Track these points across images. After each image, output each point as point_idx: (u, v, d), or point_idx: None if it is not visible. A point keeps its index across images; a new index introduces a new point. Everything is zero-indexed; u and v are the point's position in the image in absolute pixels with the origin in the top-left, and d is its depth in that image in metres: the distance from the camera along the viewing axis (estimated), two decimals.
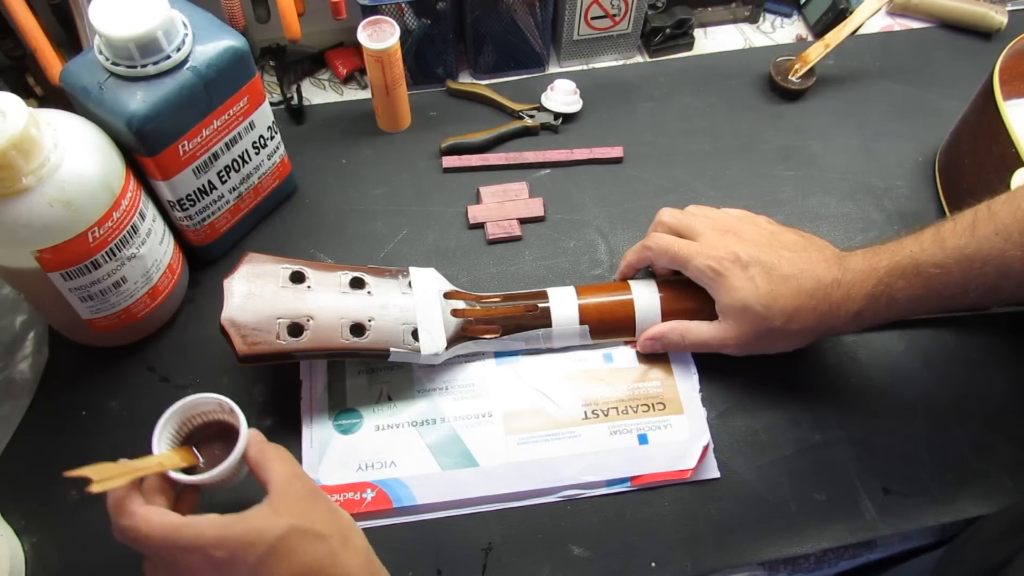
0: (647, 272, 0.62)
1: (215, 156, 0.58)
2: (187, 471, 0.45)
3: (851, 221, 0.68)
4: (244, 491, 0.47)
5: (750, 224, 0.56)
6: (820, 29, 0.83)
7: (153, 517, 0.40)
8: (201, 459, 0.47)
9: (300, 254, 0.65)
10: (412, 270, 0.59)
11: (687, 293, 0.60)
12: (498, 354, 0.60)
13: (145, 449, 0.56)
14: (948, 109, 0.71)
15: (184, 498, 0.45)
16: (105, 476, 0.38)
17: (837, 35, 0.76)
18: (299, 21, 0.69)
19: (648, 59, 0.82)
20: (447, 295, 0.59)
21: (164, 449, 0.46)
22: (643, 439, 0.56)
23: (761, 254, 0.52)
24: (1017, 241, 0.45)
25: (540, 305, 0.59)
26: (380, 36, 0.67)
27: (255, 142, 0.61)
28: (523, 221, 0.68)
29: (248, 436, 0.45)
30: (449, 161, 0.72)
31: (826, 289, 0.51)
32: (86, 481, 0.52)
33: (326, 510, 0.43)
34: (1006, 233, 0.45)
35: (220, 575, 0.39)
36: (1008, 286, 0.46)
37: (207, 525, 0.40)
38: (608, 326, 0.59)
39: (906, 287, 0.48)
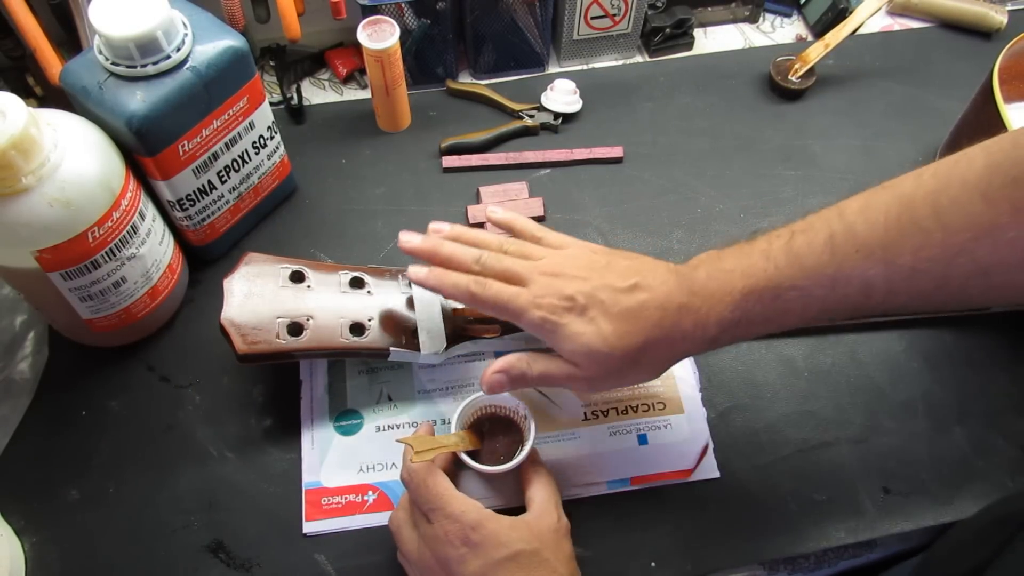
0: None
1: (215, 156, 0.58)
2: (469, 454, 0.51)
3: None
4: None
5: (576, 258, 0.49)
6: (820, 29, 0.83)
7: (437, 481, 0.46)
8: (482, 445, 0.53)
9: (300, 254, 0.65)
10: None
11: None
12: (498, 354, 0.60)
13: (145, 449, 0.56)
14: (948, 109, 0.71)
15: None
16: (423, 447, 0.46)
17: (837, 35, 0.76)
18: (299, 21, 0.69)
19: (648, 59, 0.82)
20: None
21: (458, 428, 0.52)
22: (643, 439, 0.56)
23: (597, 292, 0.46)
24: (879, 257, 0.41)
25: None
26: (380, 36, 0.67)
27: (255, 142, 0.61)
28: None
29: (530, 449, 0.51)
30: (449, 161, 0.72)
31: (673, 317, 0.45)
32: (86, 481, 0.52)
33: (569, 553, 0.46)
34: (867, 251, 0.41)
35: (466, 550, 0.43)
36: (871, 305, 0.42)
37: (473, 508, 0.45)
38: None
39: (763, 311, 0.44)
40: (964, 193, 0.39)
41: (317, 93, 0.78)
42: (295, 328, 0.53)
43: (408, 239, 0.51)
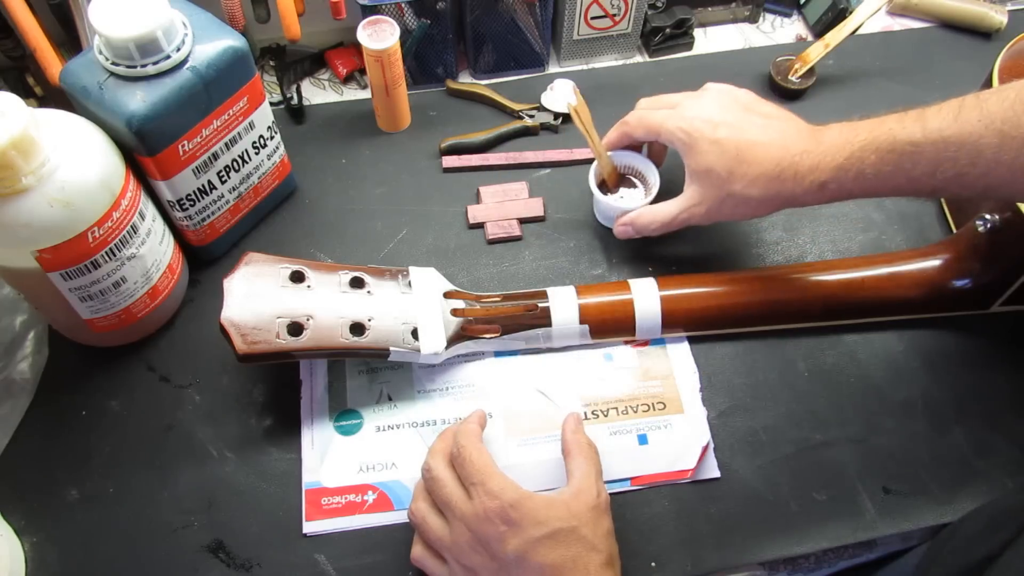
0: (646, 273, 0.62)
1: (215, 156, 0.58)
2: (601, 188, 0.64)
3: (851, 221, 0.68)
4: None
5: (727, 93, 0.58)
6: (820, 29, 0.83)
7: (483, 456, 0.48)
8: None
9: (300, 254, 0.65)
10: (412, 270, 0.59)
11: (687, 294, 0.60)
12: (498, 354, 0.60)
13: (145, 449, 0.56)
14: None
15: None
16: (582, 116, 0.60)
17: (837, 35, 0.76)
18: (299, 21, 0.69)
19: (648, 59, 0.82)
20: (447, 295, 0.59)
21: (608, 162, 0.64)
22: (643, 439, 0.56)
23: (733, 117, 0.54)
24: (997, 128, 0.45)
25: (540, 305, 0.59)
26: (380, 36, 0.67)
27: (255, 142, 0.61)
28: (523, 221, 0.68)
29: (654, 197, 0.62)
30: (449, 161, 0.72)
31: (793, 158, 0.51)
32: (86, 481, 0.52)
33: (608, 529, 0.47)
34: (988, 119, 0.45)
35: (505, 528, 0.44)
36: (975, 174, 0.46)
37: (511, 486, 0.46)
38: (608, 326, 0.59)
39: (877, 162, 0.49)
40: None
41: (317, 93, 0.78)
42: (295, 328, 0.53)
43: (606, 142, 0.64)
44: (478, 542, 0.45)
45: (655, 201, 0.65)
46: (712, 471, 0.55)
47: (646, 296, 0.59)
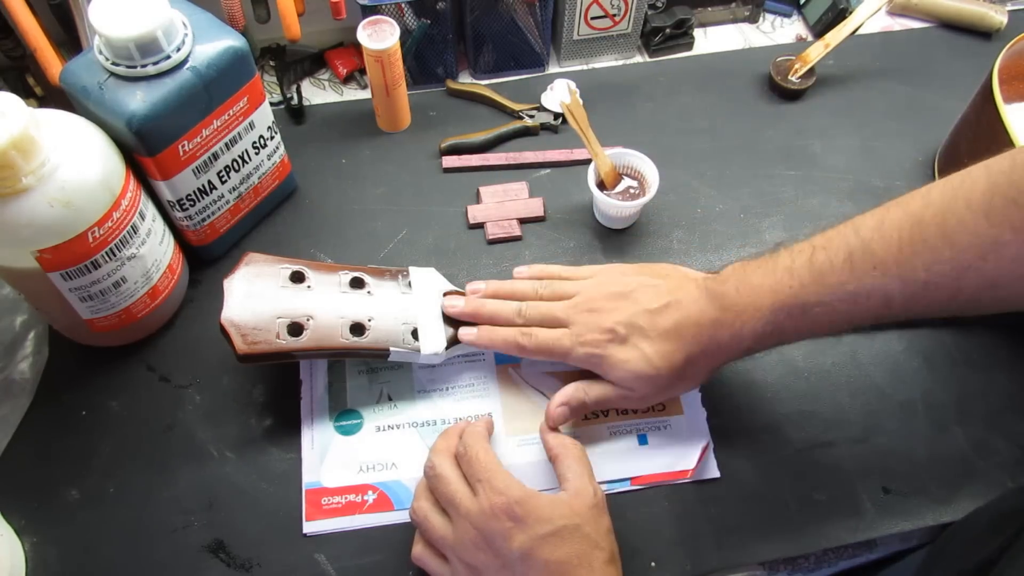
0: None
1: (215, 156, 0.58)
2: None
3: None
4: None
5: (608, 285, 0.54)
6: (820, 29, 0.83)
7: (490, 455, 0.49)
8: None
9: (300, 254, 0.65)
10: (412, 270, 0.59)
11: None
12: (498, 354, 0.60)
13: (145, 449, 0.56)
14: (948, 109, 0.71)
15: None
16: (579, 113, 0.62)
17: (837, 35, 0.76)
18: (299, 21, 0.69)
19: (648, 59, 0.82)
20: (447, 295, 0.59)
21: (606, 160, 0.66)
22: (643, 439, 0.56)
23: (633, 319, 0.50)
24: (895, 274, 0.44)
25: None
26: (380, 36, 0.67)
27: (255, 142, 0.61)
28: (523, 221, 0.68)
29: (649, 199, 0.64)
30: (449, 161, 0.72)
31: (709, 331, 0.49)
32: (86, 481, 0.52)
33: (608, 527, 0.47)
34: (883, 268, 0.44)
35: (511, 524, 0.45)
36: (892, 314, 0.46)
37: (516, 484, 0.47)
38: None
39: (793, 324, 0.48)
40: (968, 214, 0.42)
41: (317, 93, 0.78)
42: (295, 328, 0.53)
43: (451, 303, 0.57)
44: (483, 539, 0.45)
45: (651, 202, 0.65)
46: (712, 471, 0.55)
47: None
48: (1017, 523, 0.46)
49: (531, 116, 0.75)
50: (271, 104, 0.62)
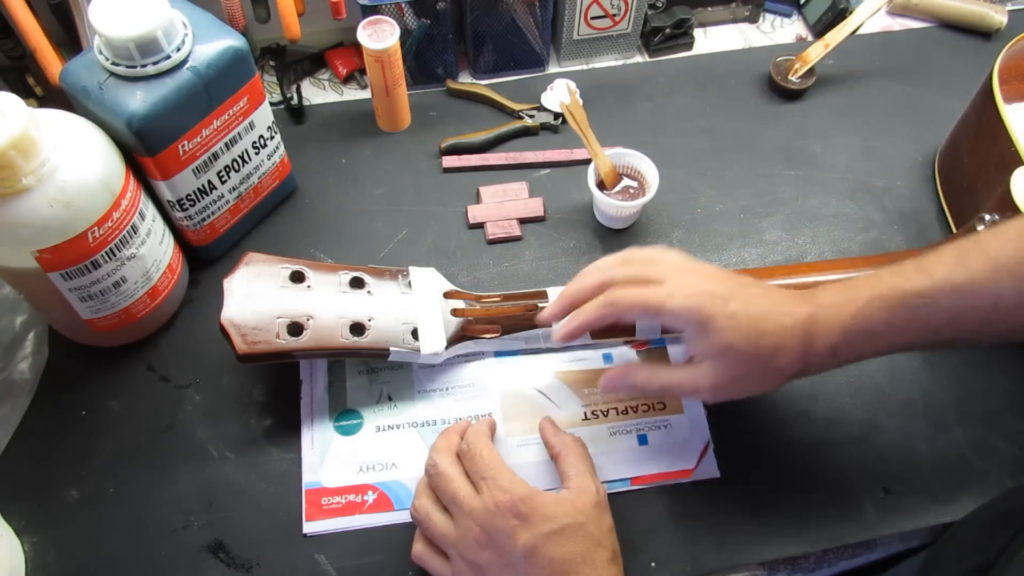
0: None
1: (215, 156, 0.58)
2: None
3: (851, 221, 0.68)
4: None
5: (702, 264, 0.51)
6: (820, 29, 0.83)
7: (494, 452, 0.49)
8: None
9: (300, 254, 0.65)
10: (412, 270, 0.59)
11: None
12: (498, 354, 0.60)
13: (145, 449, 0.56)
14: (948, 109, 0.71)
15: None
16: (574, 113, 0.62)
17: (837, 35, 0.76)
18: (299, 21, 0.69)
19: (648, 59, 0.82)
20: (447, 295, 0.59)
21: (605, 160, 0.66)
22: (643, 439, 0.56)
23: (735, 290, 0.47)
24: (1013, 270, 0.42)
25: (540, 305, 0.59)
26: (380, 36, 0.67)
27: (255, 142, 0.61)
28: (523, 221, 0.68)
29: (649, 200, 0.64)
30: (449, 161, 0.72)
31: (803, 324, 0.46)
32: (86, 481, 0.52)
33: (610, 526, 0.47)
34: (995, 263, 0.43)
35: (517, 522, 0.45)
36: (999, 319, 0.43)
37: (521, 482, 0.47)
38: (608, 326, 0.59)
39: (889, 319, 0.44)
40: None
41: (317, 93, 0.78)
42: (295, 328, 0.53)
43: (547, 316, 0.53)
44: (486, 537, 0.45)
45: (651, 203, 0.65)
46: (712, 471, 0.55)
47: None
48: (1016, 523, 0.46)
49: (531, 116, 0.75)
50: (271, 104, 0.62)
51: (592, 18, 0.77)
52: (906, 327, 0.44)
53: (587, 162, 0.67)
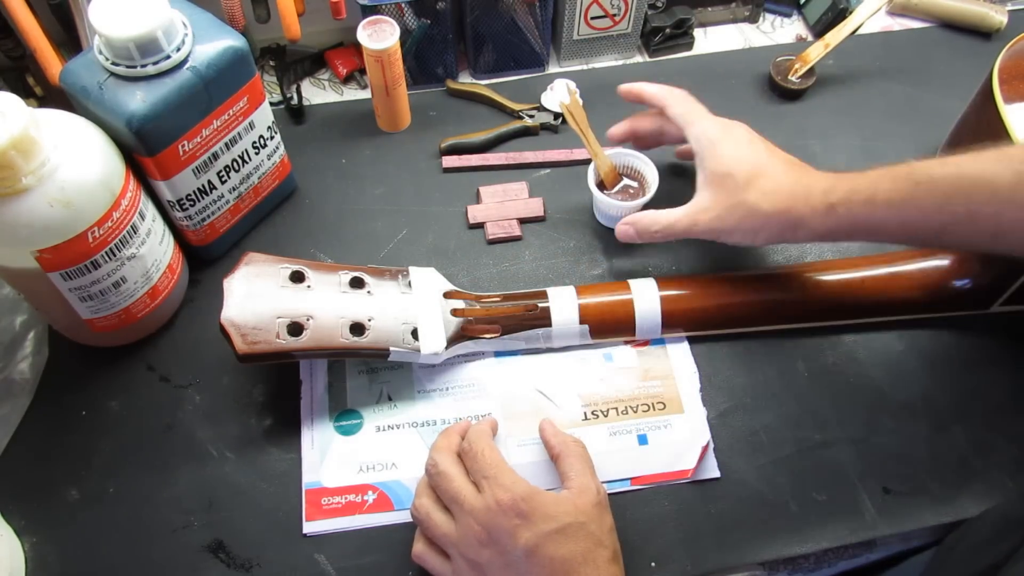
0: (645, 273, 0.62)
1: (215, 156, 0.58)
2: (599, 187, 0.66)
3: None
4: None
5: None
6: (820, 29, 0.83)
7: (495, 452, 0.49)
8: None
9: (300, 254, 0.65)
10: (412, 270, 0.59)
11: (687, 294, 0.60)
12: (498, 354, 0.60)
13: (145, 449, 0.56)
14: (948, 109, 0.71)
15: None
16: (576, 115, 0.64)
17: (837, 35, 0.76)
18: (299, 21, 0.69)
19: (648, 59, 0.82)
20: (447, 295, 0.59)
21: (605, 160, 0.66)
22: (643, 439, 0.56)
23: (757, 141, 0.56)
24: (1016, 168, 0.46)
25: (540, 305, 0.59)
26: (380, 36, 0.67)
27: (255, 142, 0.61)
28: (523, 221, 0.68)
29: (651, 197, 0.64)
30: (449, 161, 0.72)
31: (810, 180, 0.53)
32: (86, 481, 0.52)
33: (611, 525, 0.48)
34: (1007, 159, 0.46)
35: (519, 521, 0.45)
36: (986, 213, 0.47)
37: (522, 481, 0.47)
38: (608, 326, 0.59)
39: (890, 188, 0.49)
40: None
41: (317, 93, 0.78)
42: (295, 328, 0.53)
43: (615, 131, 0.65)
44: (487, 536, 0.45)
45: (651, 203, 0.65)
46: (712, 471, 0.55)
47: (646, 296, 0.59)
48: (1023, 529, 0.46)
49: (531, 116, 0.75)
50: (271, 104, 0.62)
51: (592, 18, 0.77)
52: (903, 202, 0.49)
53: (587, 162, 0.67)
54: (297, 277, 0.56)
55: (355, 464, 0.55)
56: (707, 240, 0.67)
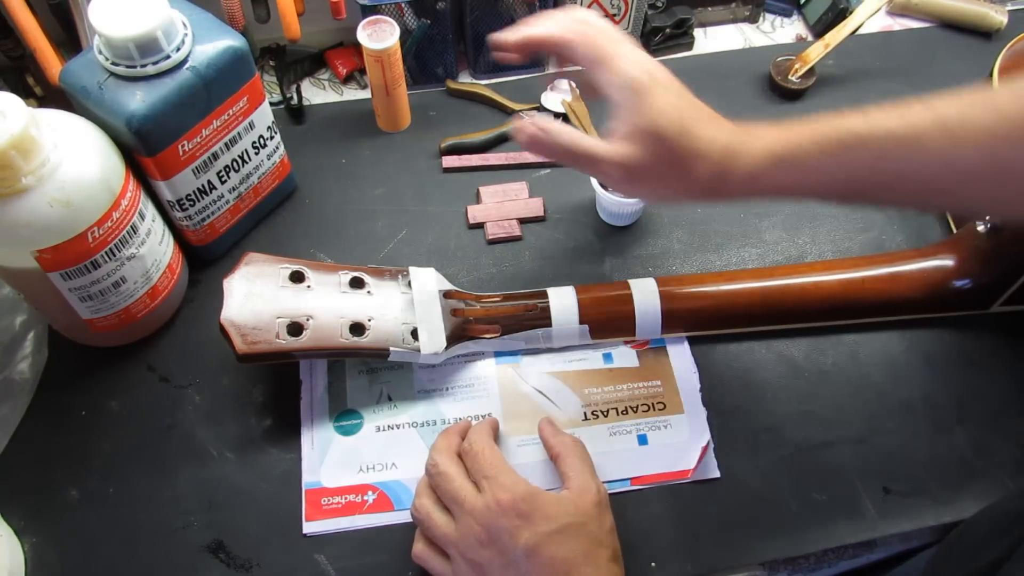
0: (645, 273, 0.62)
1: (215, 156, 0.58)
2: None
3: (851, 221, 0.68)
4: None
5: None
6: (820, 29, 0.83)
7: (496, 452, 0.49)
8: None
9: (300, 254, 0.65)
10: (412, 270, 0.59)
11: (687, 294, 0.60)
12: (498, 354, 0.60)
13: (145, 449, 0.56)
14: None
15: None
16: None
17: (837, 35, 0.76)
18: (299, 21, 0.69)
19: None
20: (447, 295, 0.59)
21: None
22: (643, 439, 0.56)
23: (683, 91, 0.47)
24: (944, 125, 0.41)
25: (540, 305, 0.59)
26: (380, 36, 0.67)
27: (255, 142, 0.61)
28: (523, 221, 0.68)
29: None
30: (449, 161, 0.72)
31: (730, 142, 0.45)
32: (86, 481, 0.52)
33: (611, 525, 0.47)
34: (936, 115, 0.42)
35: (519, 521, 0.45)
36: (916, 173, 0.43)
37: (522, 481, 0.47)
38: (608, 325, 0.59)
39: (816, 152, 0.44)
40: None
41: (317, 93, 0.78)
42: (295, 328, 0.53)
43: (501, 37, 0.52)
44: (488, 536, 0.45)
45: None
46: (712, 471, 0.55)
47: (646, 296, 0.59)
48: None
49: (531, 116, 0.75)
50: (271, 104, 0.62)
51: None
52: (831, 166, 0.44)
53: None
54: (297, 277, 0.56)
55: (355, 464, 0.55)
56: (706, 239, 0.67)
